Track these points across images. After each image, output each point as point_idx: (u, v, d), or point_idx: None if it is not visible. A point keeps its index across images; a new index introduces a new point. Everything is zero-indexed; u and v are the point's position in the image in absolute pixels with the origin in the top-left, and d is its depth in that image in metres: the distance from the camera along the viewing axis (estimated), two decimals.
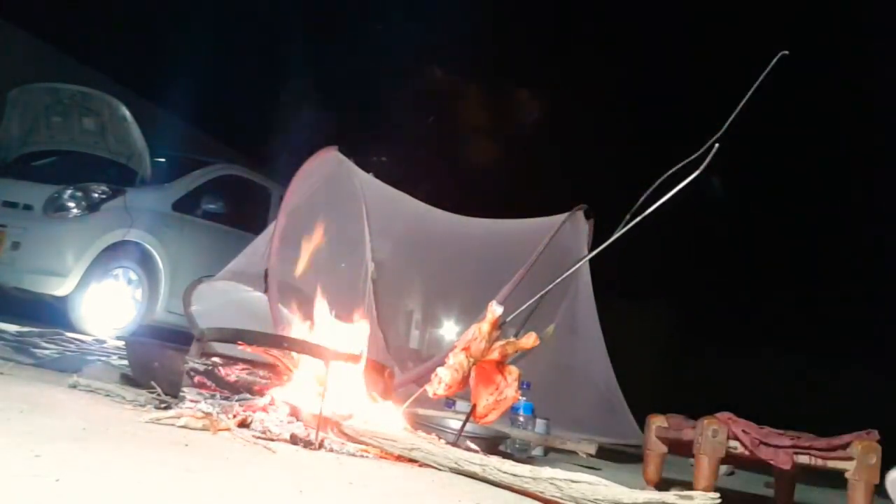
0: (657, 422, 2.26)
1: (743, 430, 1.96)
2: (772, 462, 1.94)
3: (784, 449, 1.93)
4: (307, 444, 1.54)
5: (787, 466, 1.93)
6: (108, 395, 1.86)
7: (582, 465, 2.60)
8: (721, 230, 10.53)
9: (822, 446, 1.93)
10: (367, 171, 3.85)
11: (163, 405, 1.77)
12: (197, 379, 1.78)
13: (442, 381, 1.71)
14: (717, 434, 1.95)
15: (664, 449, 2.29)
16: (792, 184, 9.73)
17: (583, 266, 2.57)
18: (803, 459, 1.94)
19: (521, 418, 2.88)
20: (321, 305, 1.99)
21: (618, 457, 3.08)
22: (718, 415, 2.02)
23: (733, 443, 1.98)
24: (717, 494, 1.18)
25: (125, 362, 2.70)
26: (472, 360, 1.73)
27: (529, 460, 2.47)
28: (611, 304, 3.95)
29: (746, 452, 1.97)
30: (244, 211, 5.88)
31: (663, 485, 2.28)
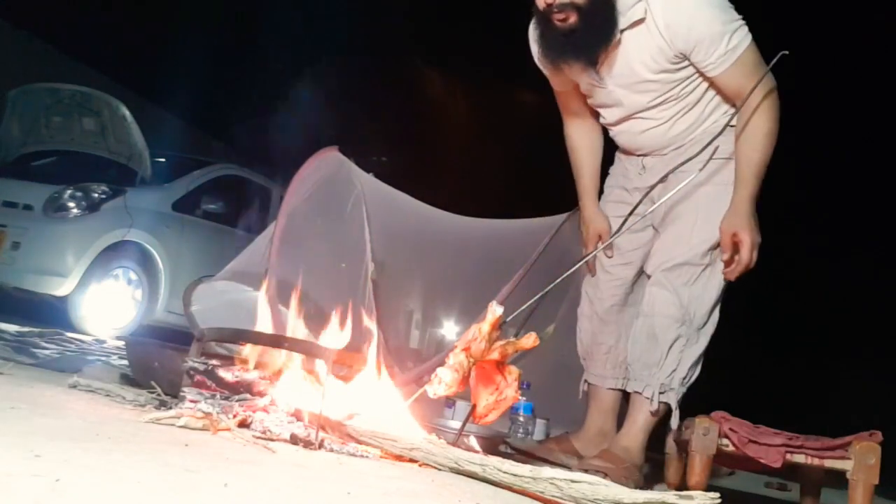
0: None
1: (731, 429, 1.99)
2: (761, 460, 1.96)
3: (775, 447, 1.95)
4: (307, 444, 1.54)
5: (777, 465, 1.95)
6: (108, 395, 1.86)
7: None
8: None
9: (815, 446, 1.95)
10: (368, 172, 3.85)
11: (163, 405, 1.77)
12: (197, 379, 1.78)
13: (442, 381, 1.71)
14: (708, 432, 1.98)
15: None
16: (815, 186, 9.71)
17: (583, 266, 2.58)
18: (798, 458, 1.96)
19: (521, 418, 2.89)
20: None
21: None
22: (713, 413, 2.04)
23: (724, 441, 2.01)
24: (717, 494, 1.18)
25: (125, 362, 2.70)
26: (472, 360, 1.73)
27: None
28: None
29: (736, 450, 1.99)
30: (244, 211, 5.89)
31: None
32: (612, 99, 2.34)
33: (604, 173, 2.67)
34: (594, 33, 2.14)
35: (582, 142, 2.57)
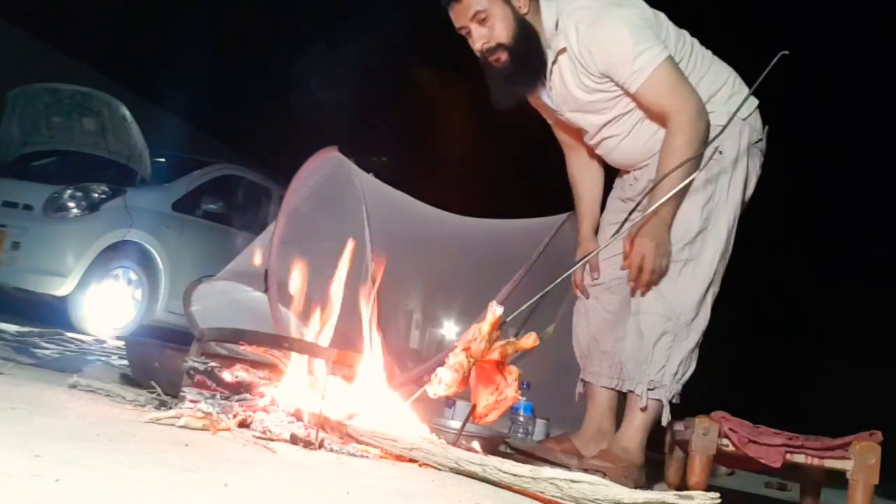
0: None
1: (731, 429, 1.99)
2: (761, 460, 1.96)
3: (775, 447, 1.95)
4: (307, 444, 1.54)
5: (777, 465, 1.95)
6: (108, 395, 1.86)
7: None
8: None
9: (815, 446, 1.95)
10: (368, 172, 3.85)
11: (163, 405, 1.77)
12: (197, 379, 1.78)
13: (442, 381, 1.71)
14: (708, 432, 1.99)
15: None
16: (816, 178, 9.69)
17: None
18: (798, 458, 1.96)
19: (521, 418, 2.89)
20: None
21: None
22: (713, 413, 2.04)
23: (724, 441, 2.01)
24: (717, 494, 1.18)
25: (125, 362, 2.70)
26: (472, 360, 1.73)
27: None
28: None
29: (736, 450, 2.00)
30: (244, 211, 5.89)
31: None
32: (573, 124, 2.51)
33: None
34: (524, 67, 2.35)
35: (580, 172, 2.72)
